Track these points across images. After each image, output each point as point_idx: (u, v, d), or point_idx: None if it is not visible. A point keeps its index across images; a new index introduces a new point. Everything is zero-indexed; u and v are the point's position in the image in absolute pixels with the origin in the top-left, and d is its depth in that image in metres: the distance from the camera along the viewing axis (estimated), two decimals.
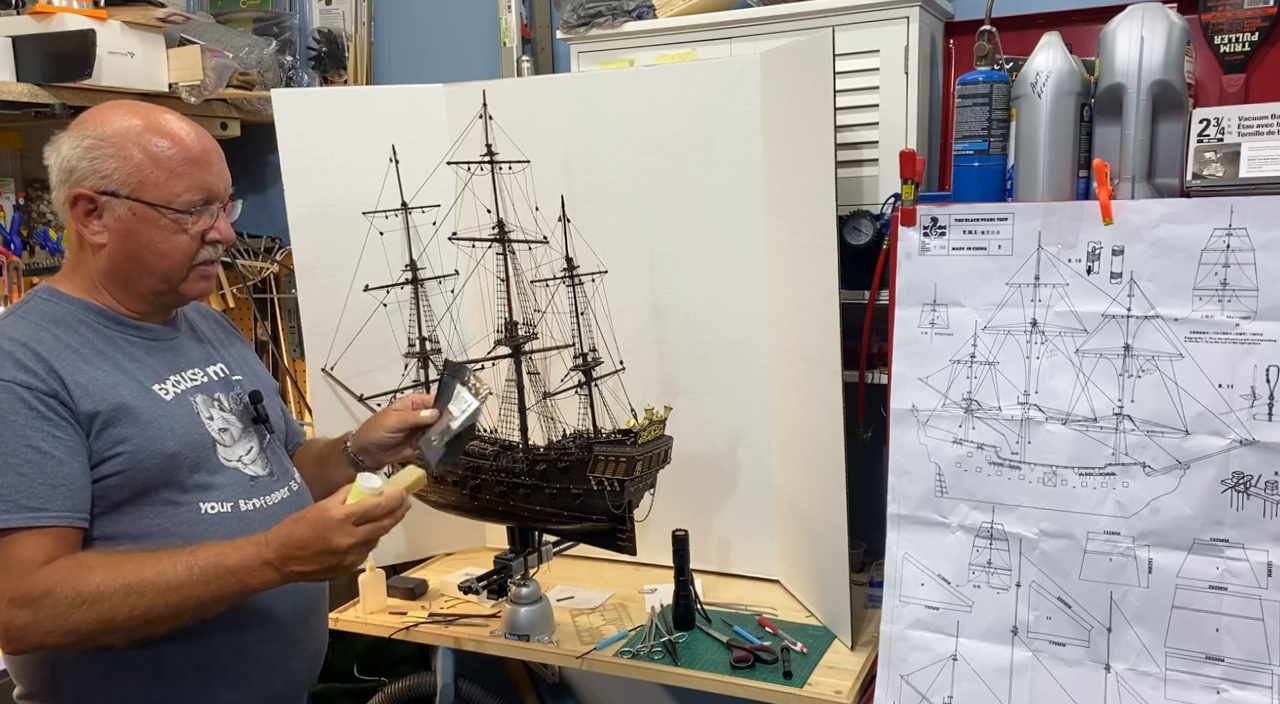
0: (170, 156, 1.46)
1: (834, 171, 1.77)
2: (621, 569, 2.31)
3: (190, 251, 1.49)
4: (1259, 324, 1.54)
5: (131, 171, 1.44)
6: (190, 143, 1.48)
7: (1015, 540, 1.73)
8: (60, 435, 1.38)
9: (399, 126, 2.22)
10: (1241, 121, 1.63)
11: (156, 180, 1.45)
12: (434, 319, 2.28)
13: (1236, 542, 1.57)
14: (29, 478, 1.35)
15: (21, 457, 1.35)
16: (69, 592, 1.32)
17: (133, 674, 1.46)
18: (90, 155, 1.45)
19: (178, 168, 1.46)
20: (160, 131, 1.47)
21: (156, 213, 1.46)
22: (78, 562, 1.35)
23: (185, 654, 1.48)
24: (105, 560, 1.36)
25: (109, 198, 1.45)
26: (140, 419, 1.45)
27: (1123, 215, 1.62)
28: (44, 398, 1.37)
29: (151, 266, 1.49)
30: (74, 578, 1.33)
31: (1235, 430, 1.56)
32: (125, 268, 1.49)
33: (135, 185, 1.44)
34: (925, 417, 1.78)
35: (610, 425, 1.99)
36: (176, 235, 1.47)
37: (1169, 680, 1.62)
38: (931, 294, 1.76)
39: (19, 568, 1.33)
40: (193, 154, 1.48)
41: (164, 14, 2.46)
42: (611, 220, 2.18)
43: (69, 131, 1.48)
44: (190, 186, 1.47)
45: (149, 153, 1.45)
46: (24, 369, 1.38)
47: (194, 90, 2.49)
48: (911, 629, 1.80)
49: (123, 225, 1.46)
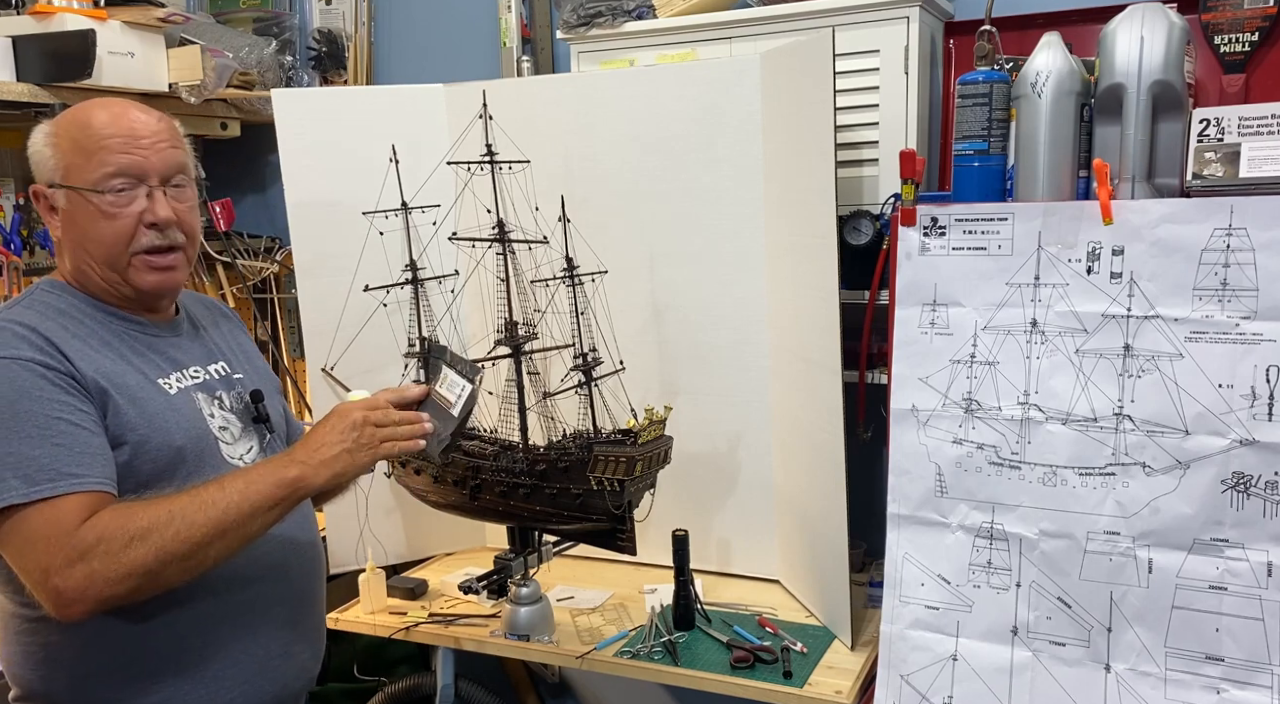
0: (86, 139, 1.45)
1: (834, 171, 1.76)
2: (621, 569, 2.31)
3: (124, 235, 1.47)
4: (1259, 324, 1.54)
5: (60, 158, 1.46)
6: (107, 123, 1.46)
7: (1015, 540, 1.73)
8: (84, 409, 1.39)
9: (399, 126, 2.22)
10: (1241, 121, 1.63)
11: (77, 164, 1.45)
12: (434, 319, 2.27)
13: (1236, 542, 1.57)
14: (66, 448, 1.35)
15: (54, 428, 1.35)
16: (119, 533, 1.32)
17: (129, 675, 1.46)
18: (40, 149, 1.48)
19: (92, 149, 1.45)
20: (84, 118, 1.47)
21: (81, 197, 1.45)
22: (119, 508, 1.35)
23: (182, 656, 1.48)
24: (146, 502, 1.36)
25: (54, 190, 1.47)
26: (148, 409, 1.45)
27: (1123, 215, 1.62)
28: (61, 376, 1.38)
29: (93, 254, 1.48)
30: (121, 521, 1.33)
31: (1235, 430, 1.56)
32: (78, 259, 1.50)
33: (64, 172, 1.46)
34: (925, 417, 1.78)
35: (610, 425, 1.99)
36: (106, 220, 1.46)
37: (1169, 680, 1.62)
38: (931, 294, 1.76)
39: (65, 531, 1.32)
40: (107, 132, 1.46)
41: (164, 14, 2.46)
42: (611, 220, 2.17)
43: (33, 135, 1.51)
44: (106, 166, 1.45)
45: (71, 138, 1.46)
46: (39, 350, 1.39)
47: (194, 90, 2.49)
48: (911, 629, 1.80)
49: (66, 215, 1.48)
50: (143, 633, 1.45)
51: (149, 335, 1.54)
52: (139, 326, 1.53)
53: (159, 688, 1.47)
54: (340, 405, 1.53)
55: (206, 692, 1.50)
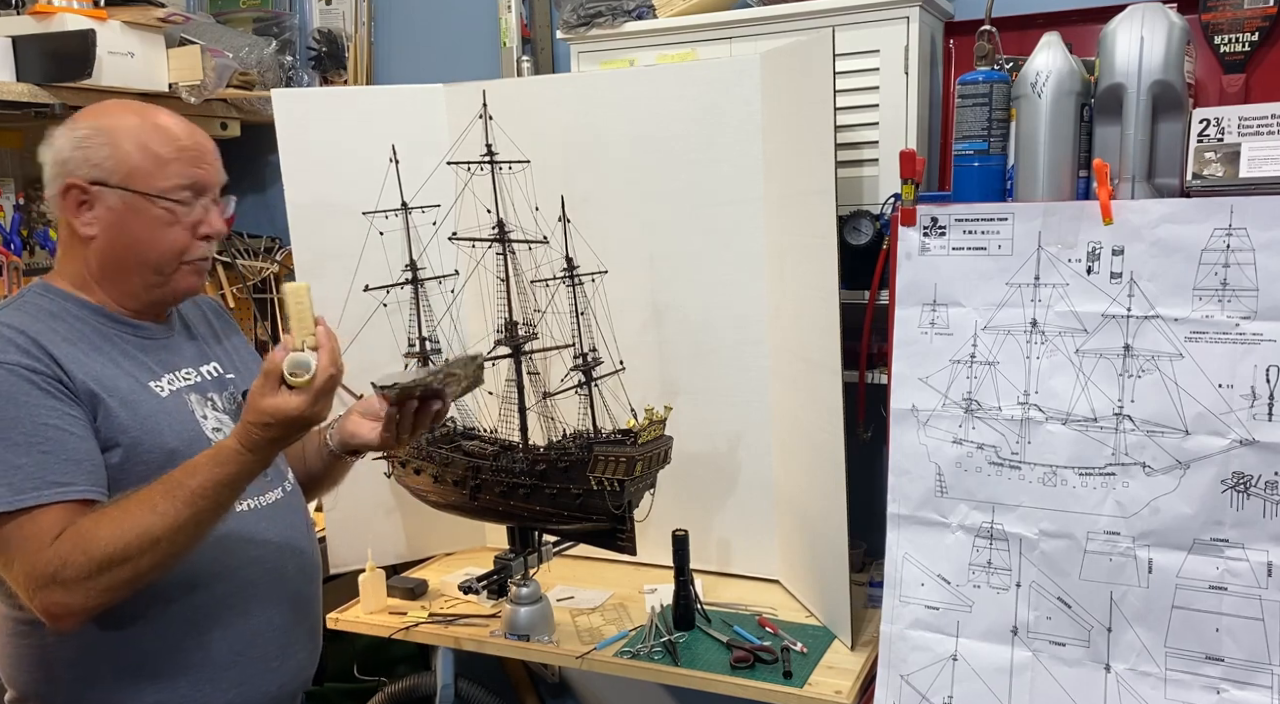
0: (160, 147, 1.46)
1: (834, 171, 1.76)
2: (621, 569, 2.31)
3: (181, 244, 1.49)
4: (1259, 324, 1.54)
5: (122, 160, 1.45)
6: (181, 135, 1.49)
7: (1015, 540, 1.73)
8: (73, 414, 1.38)
9: (399, 126, 2.22)
10: (1241, 121, 1.63)
11: (147, 170, 1.45)
12: (434, 319, 2.27)
13: (1236, 542, 1.57)
14: (53, 455, 1.34)
15: (41, 434, 1.34)
16: (82, 558, 1.31)
17: (125, 677, 1.46)
18: (83, 146, 1.45)
19: (167, 158, 1.46)
20: (153, 123, 1.48)
21: (147, 202, 1.45)
22: (79, 528, 1.33)
23: (178, 657, 1.48)
24: (109, 513, 1.34)
25: (100, 188, 1.45)
26: (139, 412, 1.45)
27: (1123, 215, 1.62)
28: (49, 381, 1.38)
29: (143, 258, 1.48)
30: (83, 543, 1.31)
31: (1235, 430, 1.56)
32: (117, 260, 1.49)
33: (125, 174, 1.45)
34: (925, 417, 1.78)
35: (610, 425, 1.99)
36: (168, 226, 1.47)
37: (1169, 680, 1.62)
38: (931, 294, 1.76)
39: (41, 545, 1.31)
40: (183, 145, 1.49)
41: (164, 14, 2.46)
42: (611, 220, 2.17)
43: (63, 126, 1.49)
44: (180, 177, 1.47)
45: (139, 142, 1.46)
46: (26, 353, 1.38)
47: (194, 90, 2.49)
48: (911, 629, 1.80)
49: (114, 216, 1.46)
50: (138, 635, 1.45)
51: (141, 337, 1.54)
52: (131, 328, 1.53)
53: (155, 689, 1.47)
54: (296, 406, 1.35)
55: (203, 692, 1.49)
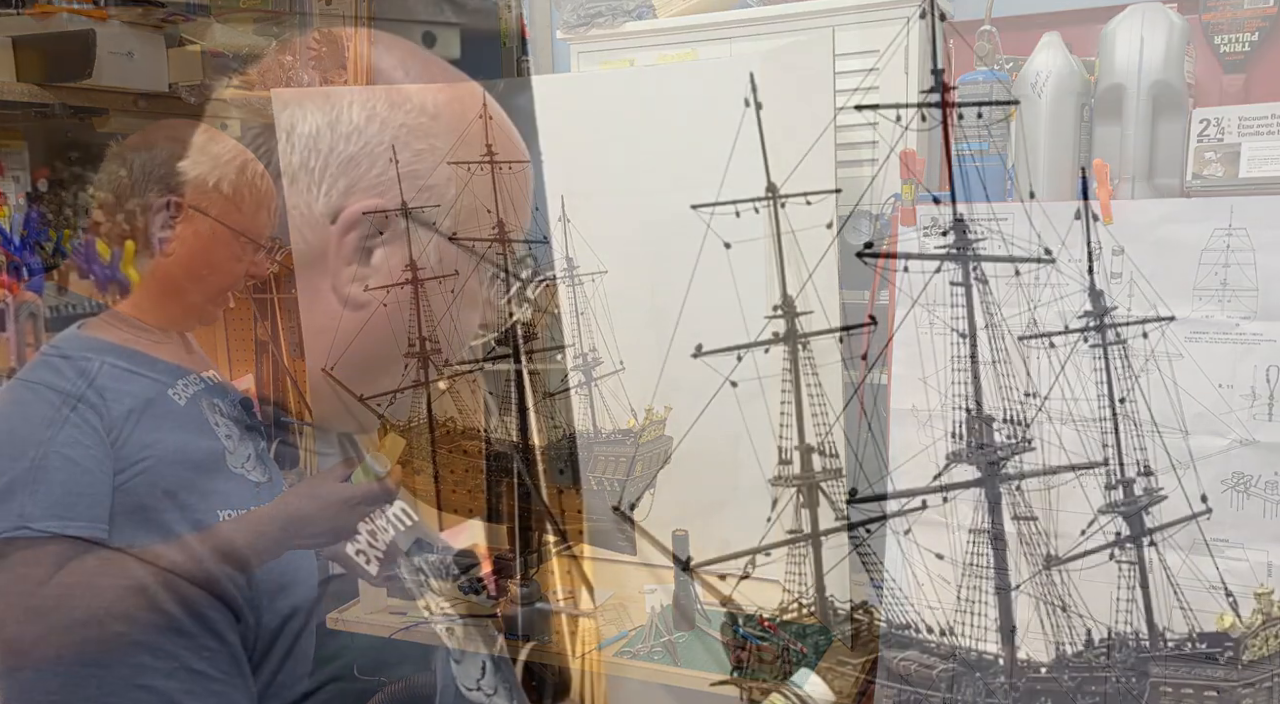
0: (260, 192, 1.57)
1: (834, 171, 1.76)
2: (621, 569, 2.30)
3: (238, 280, 1.61)
4: (1259, 324, 1.54)
5: (226, 193, 1.53)
6: (271, 188, 1.60)
7: (1015, 540, 1.72)
8: (86, 444, 1.37)
9: None
10: (1241, 121, 1.63)
11: (246, 210, 1.55)
12: (434, 319, 2.27)
13: (1236, 542, 1.57)
14: (57, 485, 1.34)
15: (49, 463, 1.34)
16: (81, 608, 1.31)
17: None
18: (193, 168, 1.52)
19: (263, 203, 1.57)
20: (255, 167, 1.58)
21: (234, 237, 1.54)
22: (88, 580, 1.33)
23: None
24: (109, 570, 1.34)
25: (196, 212, 1.51)
26: (165, 424, 1.46)
27: (1123, 215, 1.61)
28: (72, 401, 1.38)
29: (207, 285, 1.57)
30: (84, 593, 1.32)
31: (1235, 430, 1.56)
32: (183, 278, 1.56)
33: (226, 208, 1.53)
34: (925, 417, 1.77)
35: (610, 425, 1.99)
36: (237, 263, 1.57)
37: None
38: (931, 294, 1.76)
39: (36, 581, 1.31)
40: (272, 196, 1.59)
41: (164, 14, 2.46)
42: (611, 220, 2.17)
43: (165, 137, 1.55)
44: (267, 224, 1.58)
45: (246, 179, 1.55)
46: (55, 371, 1.39)
47: (194, 90, 2.49)
48: (911, 629, 1.80)
49: (199, 241, 1.52)
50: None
51: (153, 341, 1.55)
52: (147, 333, 1.55)
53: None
54: (349, 505, 1.55)
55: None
